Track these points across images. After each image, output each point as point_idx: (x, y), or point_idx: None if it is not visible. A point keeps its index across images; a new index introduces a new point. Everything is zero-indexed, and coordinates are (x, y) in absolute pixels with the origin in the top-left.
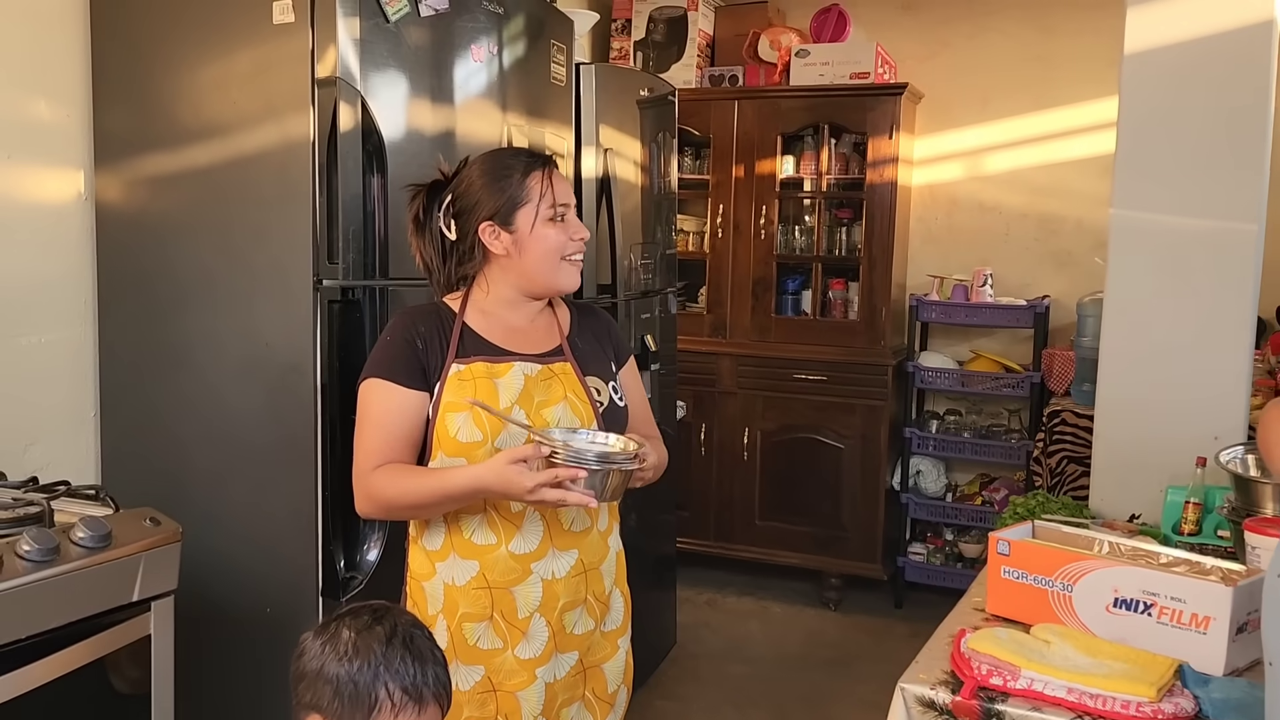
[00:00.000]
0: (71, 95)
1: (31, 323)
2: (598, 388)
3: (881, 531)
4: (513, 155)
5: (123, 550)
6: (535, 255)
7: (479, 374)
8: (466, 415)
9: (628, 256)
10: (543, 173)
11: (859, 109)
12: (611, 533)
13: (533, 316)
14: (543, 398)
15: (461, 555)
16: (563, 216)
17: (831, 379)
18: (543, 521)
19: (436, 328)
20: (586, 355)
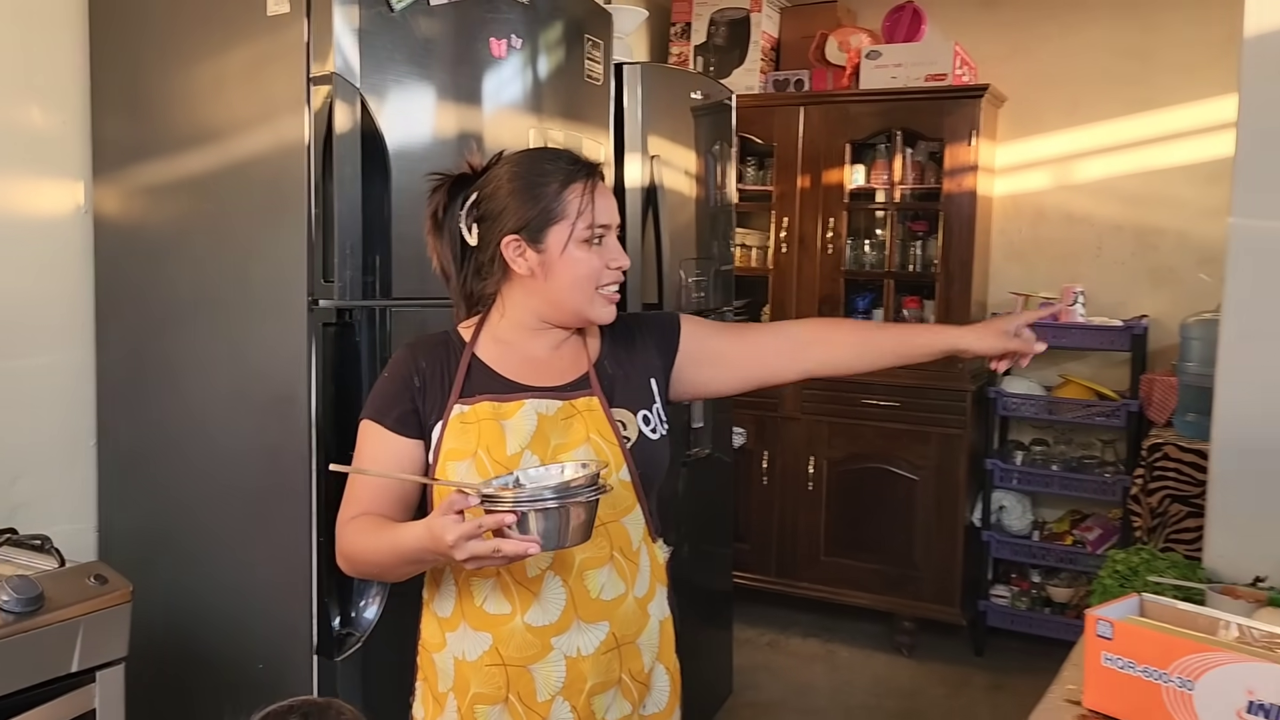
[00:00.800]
0: (68, 101)
1: (23, 344)
2: (624, 421)
3: (960, 571)
4: (552, 159)
5: (57, 615)
6: (564, 281)
7: (484, 415)
8: (469, 464)
9: (677, 272)
10: (585, 185)
11: (935, 113)
12: (653, 598)
13: (556, 344)
14: (561, 440)
15: (473, 626)
16: (600, 239)
17: (904, 405)
18: (565, 588)
19: (442, 362)
20: (617, 381)
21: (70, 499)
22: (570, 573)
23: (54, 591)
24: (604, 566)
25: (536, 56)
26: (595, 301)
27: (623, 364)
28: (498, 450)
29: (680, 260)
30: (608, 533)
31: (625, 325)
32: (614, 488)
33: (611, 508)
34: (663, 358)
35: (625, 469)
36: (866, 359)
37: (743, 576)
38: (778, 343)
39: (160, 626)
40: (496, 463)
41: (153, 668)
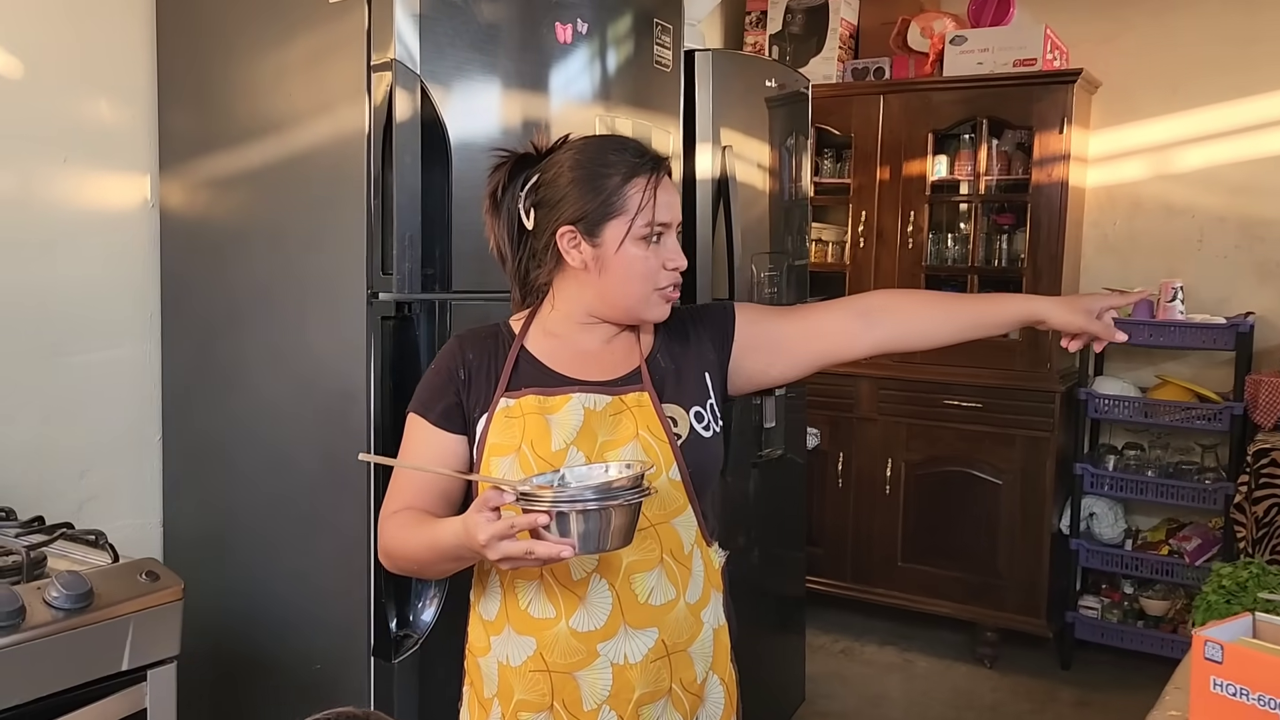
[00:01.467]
0: (137, 95)
1: (91, 339)
2: (675, 417)
3: (1047, 581)
4: (618, 150)
5: (106, 612)
6: (618, 279)
7: (529, 409)
8: (513, 459)
9: (749, 268)
10: (649, 180)
11: (1024, 100)
12: (707, 604)
13: (608, 338)
14: (609, 436)
15: (517, 629)
16: (658, 237)
17: (988, 406)
18: (611, 592)
19: (490, 354)
20: (669, 376)
21: (136, 493)
22: (617, 576)
23: (104, 588)
24: (653, 570)
25: (603, 42)
26: (650, 301)
27: (676, 358)
28: (542, 445)
29: (752, 255)
30: (657, 535)
31: (679, 319)
32: (657, 491)
33: (661, 508)
34: (718, 350)
35: (675, 468)
36: (942, 328)
37: (816, 581)
38: (842, 317)
39: (220, 623)
40: (541, 458)
41: (210, 665)
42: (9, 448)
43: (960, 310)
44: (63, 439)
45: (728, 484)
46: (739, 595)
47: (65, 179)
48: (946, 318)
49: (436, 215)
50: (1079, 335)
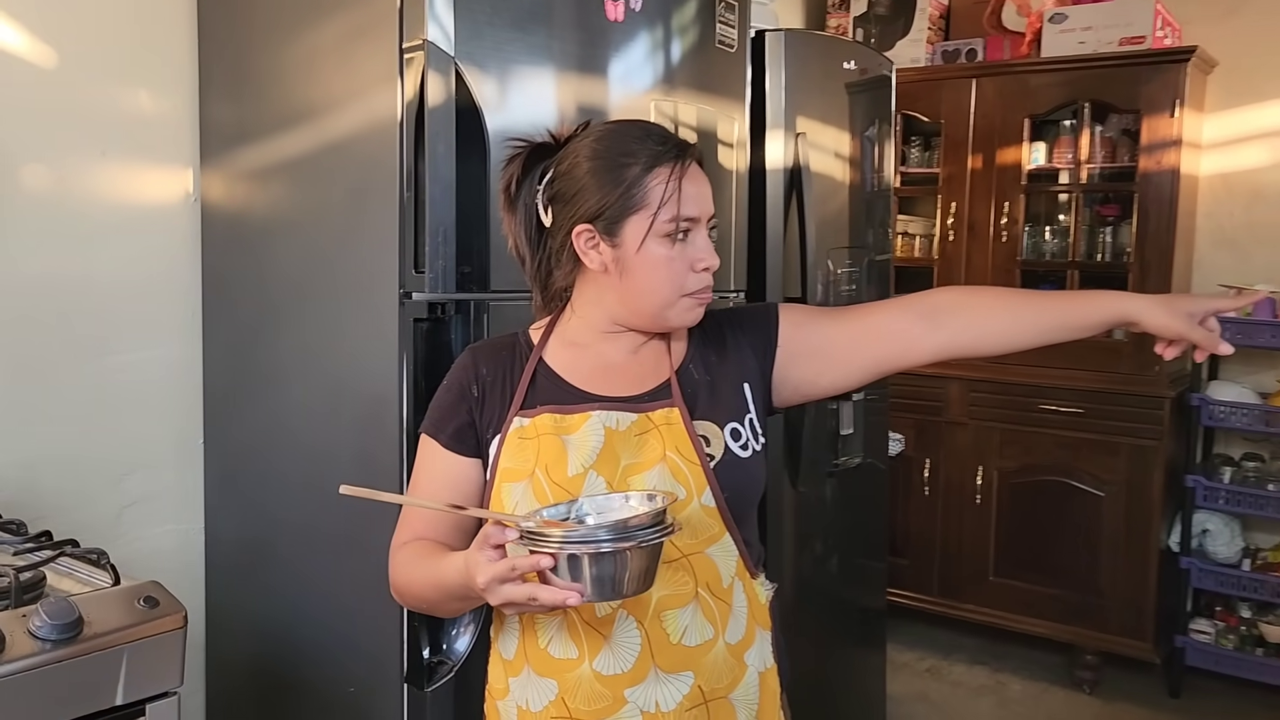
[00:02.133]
0: (177, 84)
1: (133, 338)
2: (707, 435)
3: (1154, 602)
4: (640, 137)
5: (97, 643)
6: (640, 282)
7: (544, 429)
8: (525, 485)
9: (823, 263)
10: (673, 169)
11: (1131, 82)
12: (752, 644)
13: (635, 348)
14: (632, 459)
15: (537, 670)
16: (685, 234)
17: (1089, 411)
18: (640, 631)
19: (505, 368)
20: (702, 389)
21: (179, 499)
22: (646, 613)
23: (97, 615)
24: (687, 606)
25: (659, 20)
26: (678, 306)
27: (711, 368)
28: (558, 470)
29: (828, 250)
30: (690, 566)
31: (715, 323)
32: (680, 528)
33: (693, 536)
34: (760, 359)
35: (708, 492)
36: (1019, 330)
37: (899, 594)
38: (902, 318)
39: (259, 638)
40: (556, 485)
41: (249, 680)
42: (45, 451)
43: (1040, 309)
44: (101, 442)
45: (800, 493)
46: (815, 606)
47: (104, 172)
48: (1023, 318)
49: (474, 209)
50: (1175, 341)
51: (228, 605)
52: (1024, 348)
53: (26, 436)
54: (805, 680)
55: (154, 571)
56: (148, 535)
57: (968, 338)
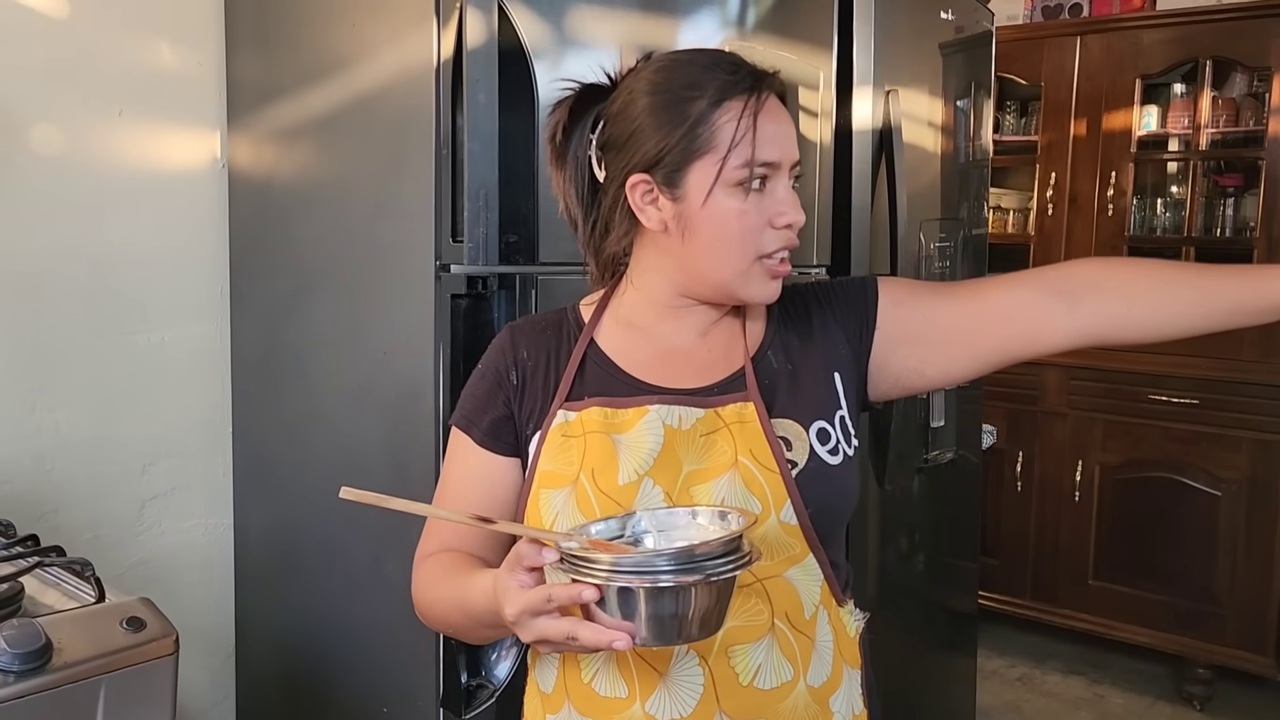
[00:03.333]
0: (203, 37)
1: (154, 316)
2: (788, 437)
3: (1277, 612)
4: (708, 65)
5: (68, 673)
6: (706, 242)
7: (592, 426)
8: (568, 494)
9: (915, 237)
10: (747, 102)
11: (1258, 36)
12: (839, 687)
13: (704, 329)
14: (697, 464)
15: (579, 709)
16: (762, 183)
17: (1205, 402)
18: (703, 668)
19: (550, 351)
20: (782, 380)
21: (207, 491)
22: (711, 649)
23: (70, 639)
24: (761, 640)
25: None
26: (752, 274)
27: (794, 355)
28: (606, 477)
29: (920, 222)
30: (766, 593)
31: (800, 300)
32: (760, 556)
33: (771, 557)
34: (854, 344)
35: (788, 507)
36: (1179, 313)
37: (990, 597)
38: (1031, 295)
39: (288, 648)
40: (604, 494)
41: (279, 693)
42: (60, 439)
43: (1207, 288)
44: (123, 430)
45: (885, 491)
46: (901, 609)
47: (122, 134)
48: (1185, 297)
49: (521, 168)
50: None
51: (259, 608)
52: (1184, 334)
53: (40, 423)
54: (888, 688)
55: (179, 571)
56: (173, 530)
57: (1114, 321)
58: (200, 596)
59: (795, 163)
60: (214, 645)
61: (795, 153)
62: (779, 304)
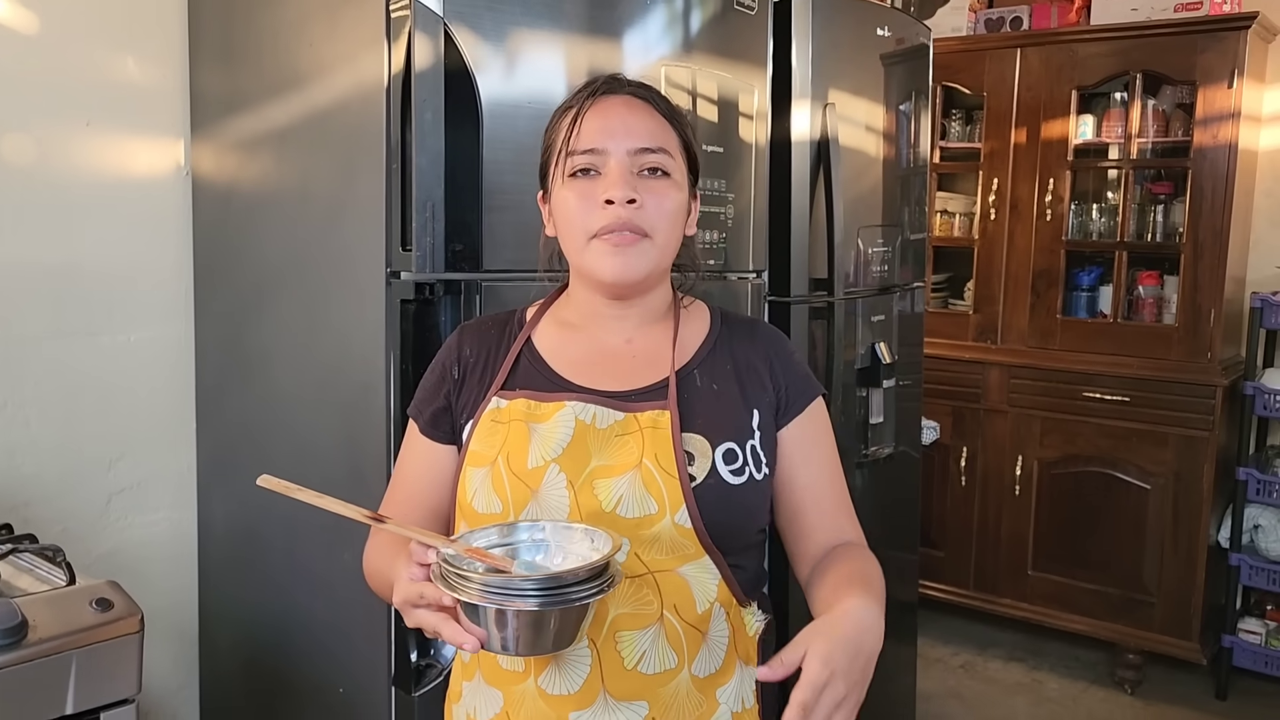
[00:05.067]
0: (167, 50)
1: (124, 318)
2: (693, 452)
3: (1201, 600)
4: (581, 87)
5: (42, 648)
6: (560, 233)
7: (516, 415)
8: (485, 472)
9: (853, 243)
10: (579, 108)
11: (1186, 51)
12: (727, 681)
13: (631, 332)
14: (604, 460)
15: (486, 679)
16: (586, 170)
17: (1136, 400)
18: (591, 650)
19: (491, 348)
20: (704, 397)
21: (171, 486)
22: (600, 631)
23: (43, 618)
24: (647, 629)
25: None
26: (589, 251)
27: (720, 379)
28: (518, 460)
29: (859, 228)
30: (657, 585)
31: (752, 335)
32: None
33: (668, 553)
34: (772, 407)
35: (683, 512)
36: None
37: (933, 587)
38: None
39: (250, 635)
40: (514, 475)
41: (242, 679)
42: (31, 435)
43: None
44: (90, 426)
45: None
46: None
47: (89, 143)
48: None
49: (466, 182)
50: None
51: (221, 597)
52: None
53: (9, 422)
54: None
55: (145, 562)
56: (138, 524)
57: None
58: (165, 586)
59: (638, 149)
60: (178, 633)
61: (631, 139)
62: (725, 327)
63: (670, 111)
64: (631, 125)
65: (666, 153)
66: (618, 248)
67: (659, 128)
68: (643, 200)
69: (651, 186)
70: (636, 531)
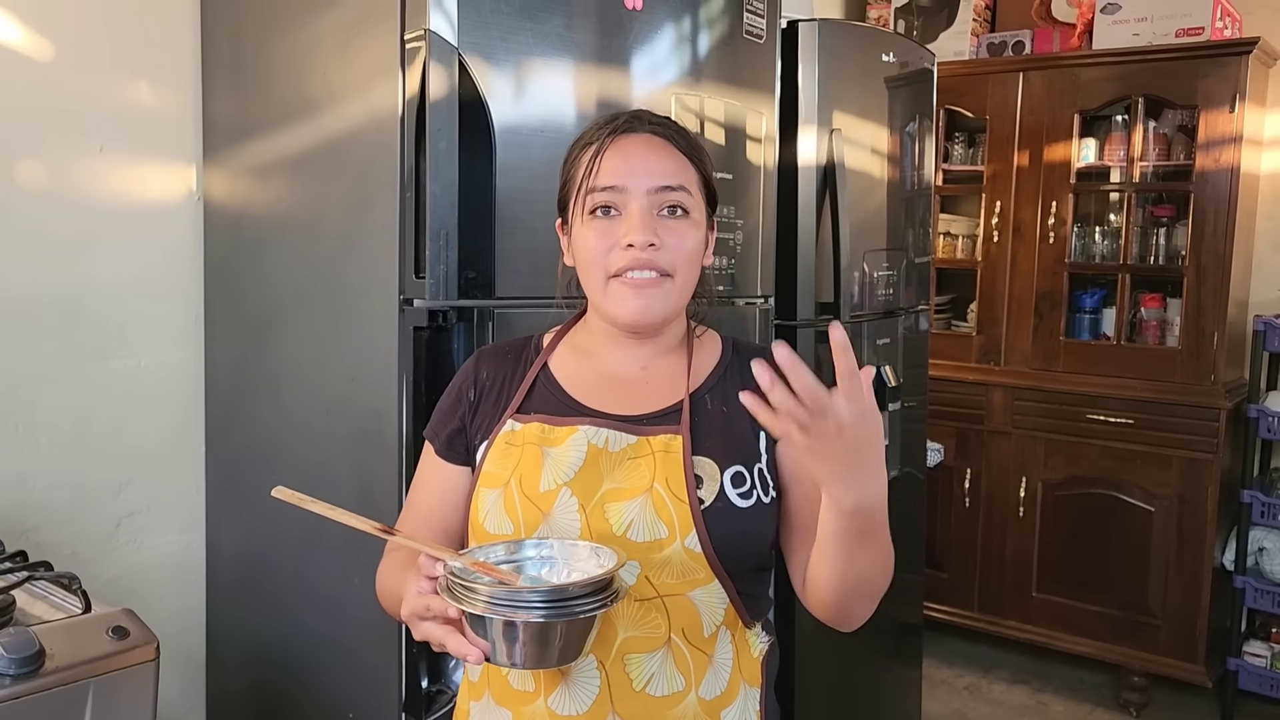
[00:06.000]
0: (179, 77)
1: (135, 343)
2: (702, 475)
3: (1206, 622)
4: (601, 121)
5: (60, 676)
6: (580, 268)
7: (530, 438)
8: (498, 494)
9: (859, 266)
10: (599, 144)
11: (1188, 76)
12: (732, 703)
13: (644, 361)
14: (616, 483)
15: (496, 699)
16: (606, 210)
17: (1139, 422)
18: (600, 672)
19: (507, 373)
20: (714, 420)
21: (180, 510)
22: (609, 653)
23: (60, 646)
24: (655, 652)
25: (681, 7)
26: (609, 293)
27: (730, 403)
28: (530, 483)
29: (865, 252)
30: (665, 609)
31: (765, 357)
32: (619, 600)
33: (679, 577)
34: None
35: (694, 536)
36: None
37: (937, 609)
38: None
39: (258, 658)
40: (526, 498)
41: (250, 700)
42: (40, 459)
43: None
44: (101, 450)
45: None
46: None
47: (102, 169)
48: None
49: (479, 210)
50: None
51: (229, 621)
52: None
53: (20, 445)
54: (837, 698)
55: (154, 585)
56: (147, 547)
57: None
58: (173, 609)
59: (659, 188)
60: (186, 656)
61: (652, 179)
62: (736, 354)
63: (690, 148)
64: (651, 164)
65: (686, 190)
66: (638, 289)
67: (679, 166)
68: (662, 241)
69: (671, 227)
70: (647, 555)
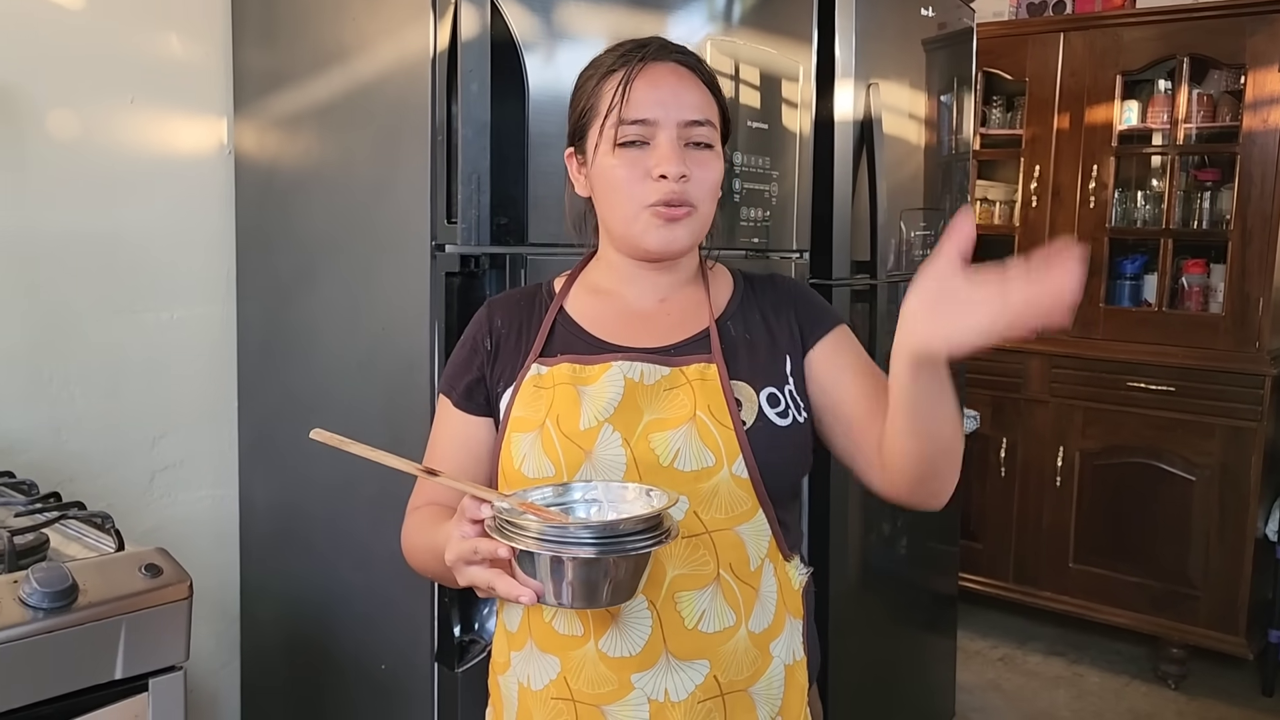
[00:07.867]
0: (210, 28)
1: (165, 297)
2: (740, 398)
3: (1248, 593)
4: (617, 48)
5: (92, 612)
6: (603, 199)
7: (561, 379)
8: (534, 437)
9: (896, 225)
10: (626, 71)
11: (1235, 34)
12: (779, 634)
13: (663, 293)
14: (657, 414)
15: (540, 646)
16: (638, 141)
17: (1181, 390)
18: (651, 611)
19: (523, 319)
20: (741, 347)
21: (213, 464)
22: (659, 592)
23: (93, 583)
24: (706, 588)
25: None
26: (638, 223)
27: (753, 329)
28: (569, 422)
29: (901, 211)
30: (713, 545)
31: (774, 288)
32: (675, 536)
33: (726, 511)
34: (794, 347)
35: (740, 461)
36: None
37: (972, 580)
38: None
39: (292, 611)
40: (566, 437)
41: (280, 654)
42: (74, 413)
43: None
44: (133, 404)
45: None
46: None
47: (133, 121)
48: None
49: (511, 154)
50: None
51: (263, 575)
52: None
53: (54, 398)
54: (872, 669)
55: (188, 539)
56: (181, 501)
57: None
58: (207, 563)
59: (689, 122)
60: (220, 610)
61: (684, 112)
62: (748, 283)
63: (711, 80)
64: (683, 97)
65: (711, 125)
66: (670, 221)
67: (704, 100)
68: (691, 173)
69: (698, 159)
70: (695, 485)
